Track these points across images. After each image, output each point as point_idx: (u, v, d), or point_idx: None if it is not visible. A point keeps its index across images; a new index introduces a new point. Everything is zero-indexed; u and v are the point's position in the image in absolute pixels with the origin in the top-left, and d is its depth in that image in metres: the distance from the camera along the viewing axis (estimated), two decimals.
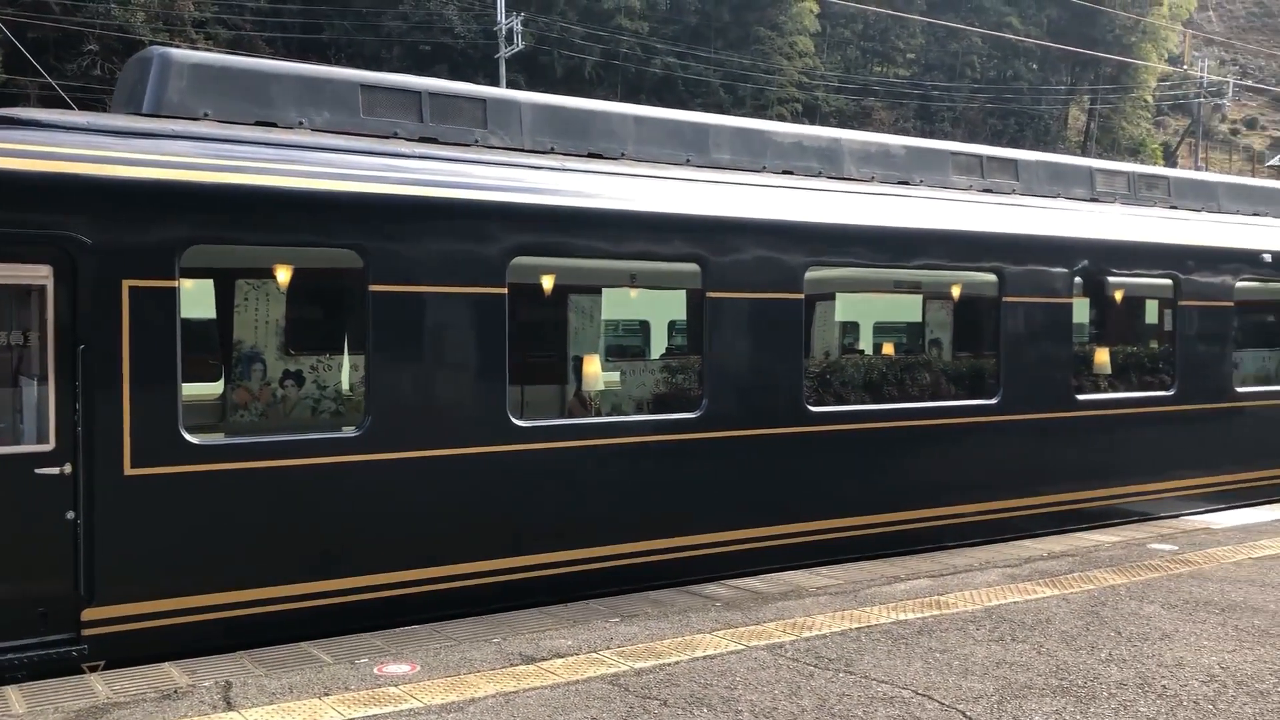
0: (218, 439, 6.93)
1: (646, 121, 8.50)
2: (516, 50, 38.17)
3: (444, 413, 6.96)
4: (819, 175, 9.13)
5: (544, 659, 5.67)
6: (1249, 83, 70.13)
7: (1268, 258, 11.49)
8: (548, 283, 9.94)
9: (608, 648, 5.86)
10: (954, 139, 31.05)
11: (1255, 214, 12.19)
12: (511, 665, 5.58)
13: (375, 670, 5.52)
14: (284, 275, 8.56)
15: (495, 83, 34.09)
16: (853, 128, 31.10)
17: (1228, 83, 61.95)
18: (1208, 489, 10.99)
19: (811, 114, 44.70)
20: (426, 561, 6.89)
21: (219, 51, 18.38)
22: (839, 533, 8.61)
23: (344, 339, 9.50)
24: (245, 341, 9.31)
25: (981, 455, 9.45)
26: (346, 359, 9.46)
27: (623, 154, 8.20)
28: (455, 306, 6.98)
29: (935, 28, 42.16)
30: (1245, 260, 11.34)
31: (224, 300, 9.25)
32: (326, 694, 5.15)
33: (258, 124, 6.87)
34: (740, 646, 5.86)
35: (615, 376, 10.22)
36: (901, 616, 6.46)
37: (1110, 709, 4.86)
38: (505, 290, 7.10)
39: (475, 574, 7.06)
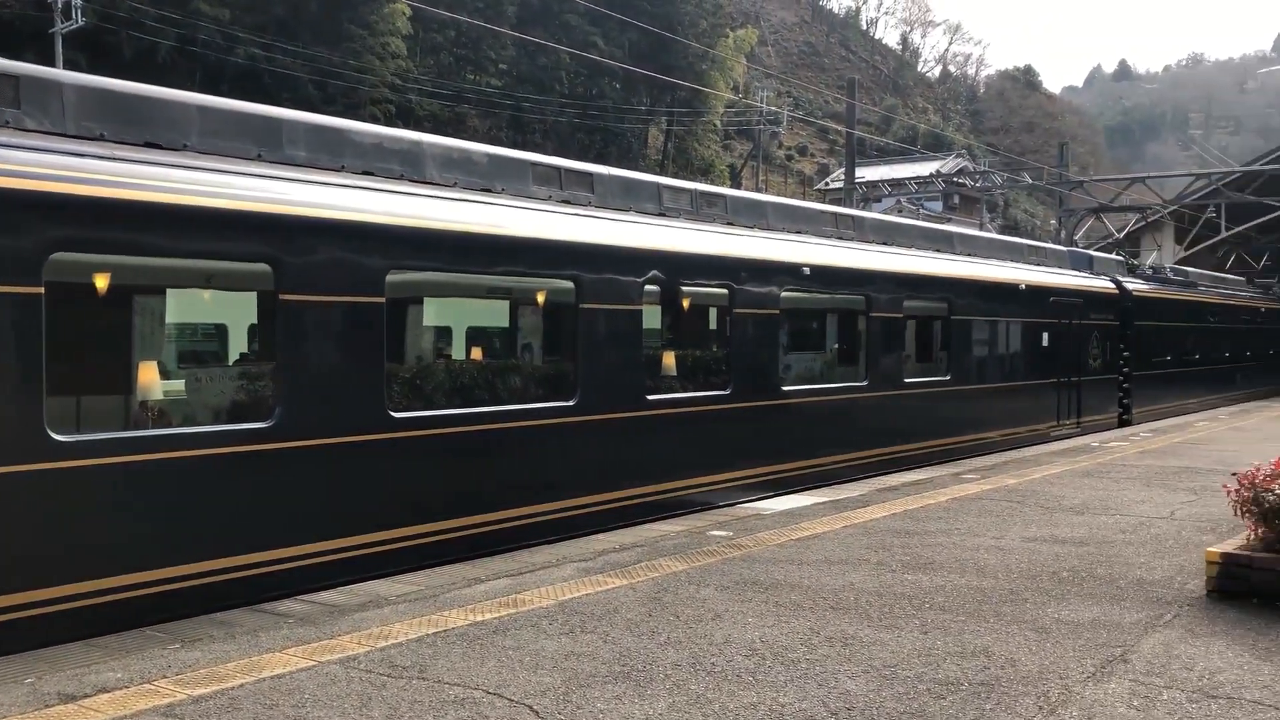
0: None
1: (212, 112, 7.99)
2: (76, 27, 34.57)
3: None
4: (401, 178, 9.04)
5: (88, 695, 5.15)
6: (801, 114, 78.67)
7: (807, 271, 12.91)
8: (102, 282, 9.05)
9: (164, 677, 5.43)
10: (545, 151, 32.08)
11: (799, 232, 13.63)
12: (48, 706, 5.01)
13: None
14: None
15: (51, 61, 30.61)
16: (447, 134, 31.13)
17: (783, 113, 69.15)
18: (761, 478, 12.13)
19: (405, 117, 44.29)
20: None
21: None
22: (427, 538, 8.57)
23: None
24: None
25: (562, 454, 9.81)
26: None
27: (185, 145, 7.65)
28: None
29: (526, 41, 43.25)
30: (789, 273, 12.65)
31: None
32: None
33: None
34: (312, 663, 5.66)
35: (180, 385, 9.50)
36: (479, 618, 6.53)
37: (665, 689, 5.21)
38: (42, 290, 6.37)
39: (8, 608, 6.28)
